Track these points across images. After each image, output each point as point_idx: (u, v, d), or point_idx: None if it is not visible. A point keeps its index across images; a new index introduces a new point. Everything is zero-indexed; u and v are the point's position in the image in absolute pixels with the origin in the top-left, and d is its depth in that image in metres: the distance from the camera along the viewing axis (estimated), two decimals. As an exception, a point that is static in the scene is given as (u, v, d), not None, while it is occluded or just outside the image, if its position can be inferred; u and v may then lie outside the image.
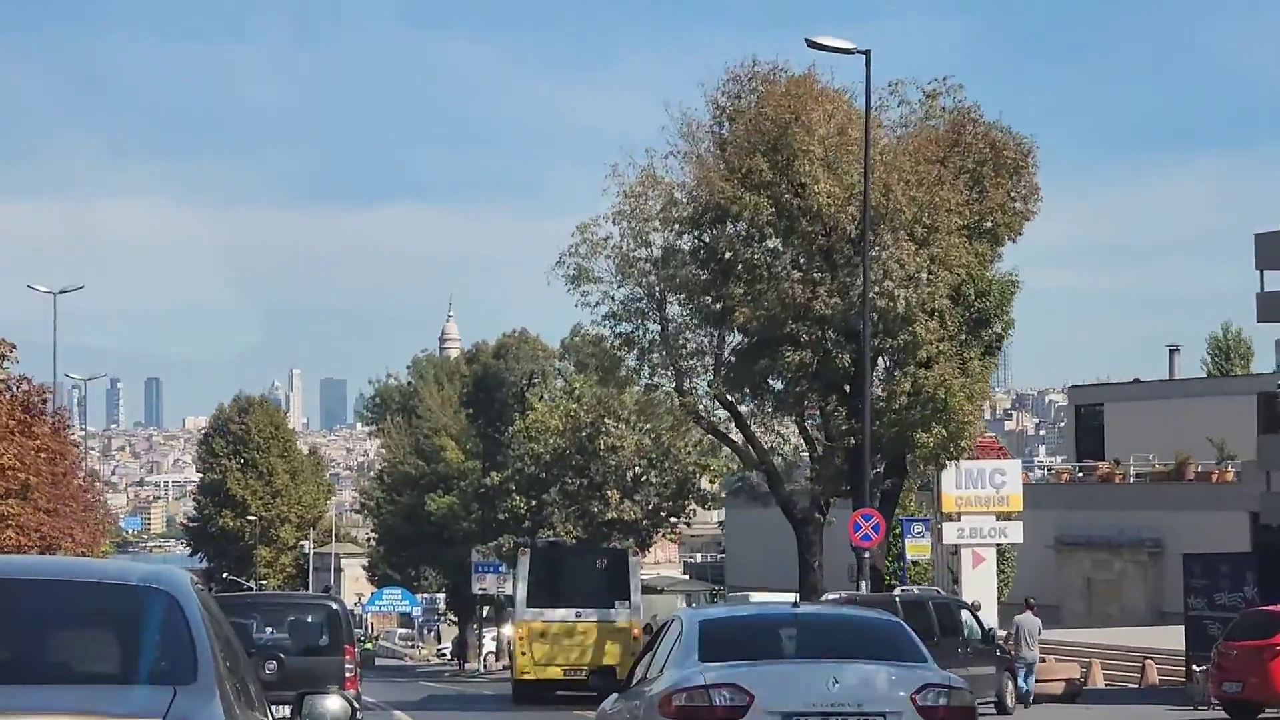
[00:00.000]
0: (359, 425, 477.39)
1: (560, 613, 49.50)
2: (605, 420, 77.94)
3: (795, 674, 14.96)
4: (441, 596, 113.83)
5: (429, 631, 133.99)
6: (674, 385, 50.71)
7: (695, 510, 79.71)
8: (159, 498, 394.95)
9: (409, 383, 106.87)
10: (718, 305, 48.61)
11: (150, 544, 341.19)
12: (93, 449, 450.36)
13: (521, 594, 50.16)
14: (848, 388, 47.55)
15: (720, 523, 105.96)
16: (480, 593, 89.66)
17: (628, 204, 49.52)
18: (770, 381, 48.29)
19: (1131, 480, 74.37)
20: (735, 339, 49.34)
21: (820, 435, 48.85)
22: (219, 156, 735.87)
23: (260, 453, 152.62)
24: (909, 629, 16.16)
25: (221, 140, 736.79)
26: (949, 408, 44.92)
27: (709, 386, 50.18)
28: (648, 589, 64.90)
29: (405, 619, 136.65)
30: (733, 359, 49.35)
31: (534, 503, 78.45)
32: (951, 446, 46.00)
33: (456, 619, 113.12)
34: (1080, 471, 77.65)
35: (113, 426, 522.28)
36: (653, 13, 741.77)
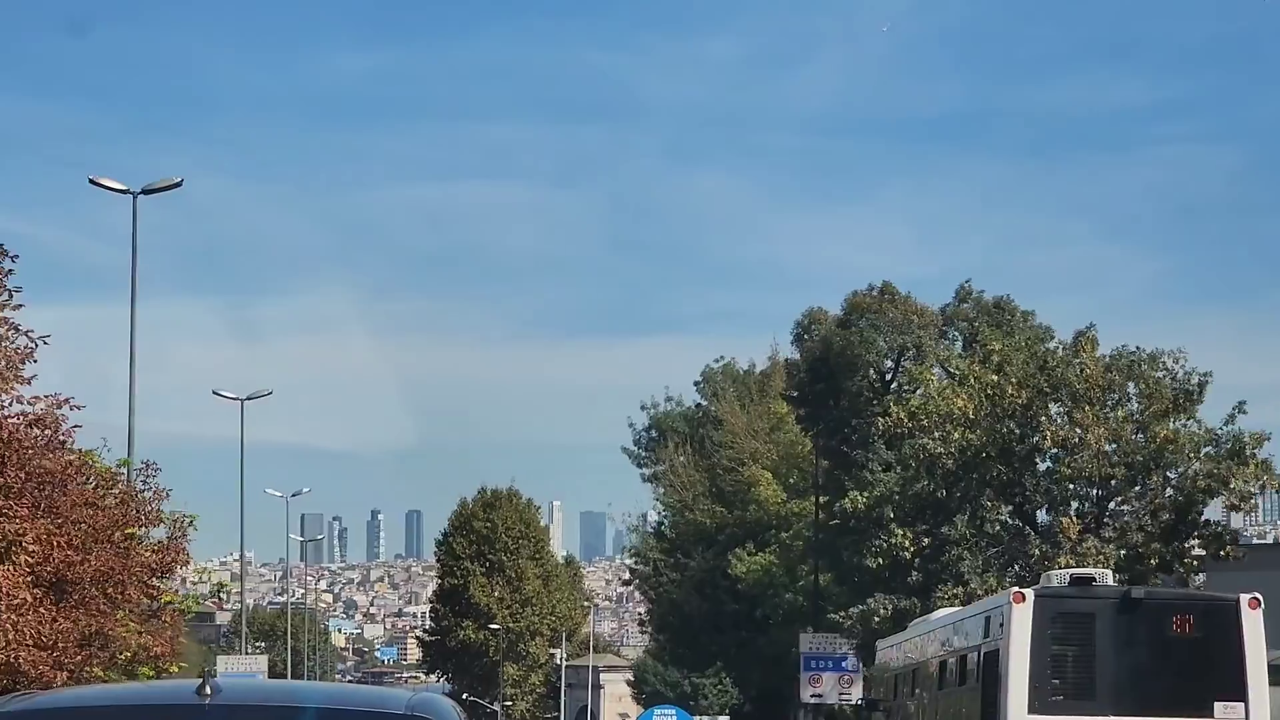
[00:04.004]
0: (618, 558, 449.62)
1: None
2: (1048, 401, 42.36)
3: None
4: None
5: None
6: None
7: (1197, 557, 43.12)
8: (415, 627, 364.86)
9: (697, 405, 72.12)
10: None
11: (405, 674, 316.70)
12: (352, 579, 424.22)
13: (1019, 683, 25.03)
14: None
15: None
16: (814, 701, 53.96)
17: None
18: None
19: None
20: None
21: None
22: (476, 294, 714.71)
23: (508, 554, 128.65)
24: None
25: (479, 278, 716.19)
26: None
27: None
28: None
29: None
30: None
31: (926, 542, 42.80)
32: None
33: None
34: None
35: (374, 559, 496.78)
36: (911, 143, 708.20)
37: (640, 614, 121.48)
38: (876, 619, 43.50)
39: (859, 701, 39.93)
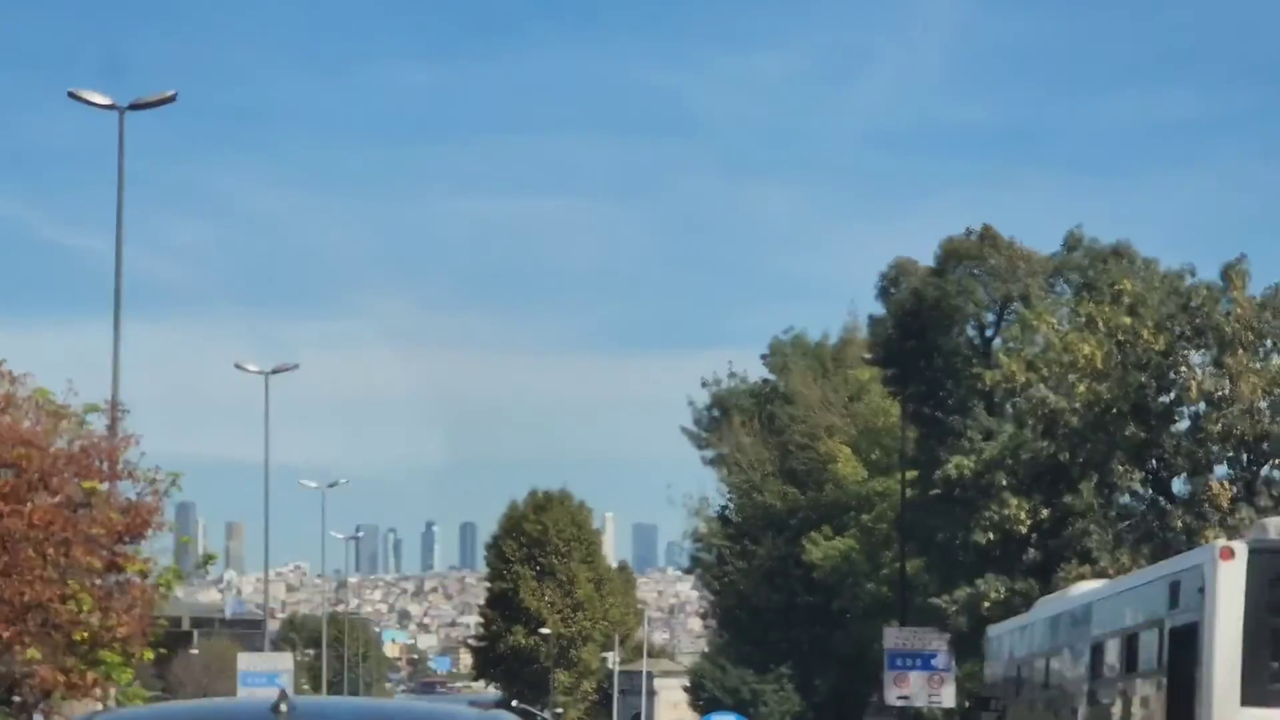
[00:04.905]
0: (670, 569, 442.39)
1: None
2: (1191, 347, 34.98)
3: None
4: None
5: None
6: None
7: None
8: (469, 637, 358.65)
9: (765, 380, 64.48)
10: None
11: (458, 684, 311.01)
12: (407, 589, 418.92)
13: (1228, 666, 18.20)
14: None
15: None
16: (901, 703, 46.62)
17: None
18: None
19: None
20: None
21: None
22: (532, 309, 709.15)
23: (559, 557, 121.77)
24: None
25: (535, 293, 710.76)
26: None
27: None
28: None
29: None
30: None
31: (1045, 514, 35.34)
32: None
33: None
34: None
35: (428, 570, 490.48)
36: (967, 157, 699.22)
37: (694, 625, 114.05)
38: (986, 604, 36.09)
39: (978, 704, 32.40)
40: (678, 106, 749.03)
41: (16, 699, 33.56)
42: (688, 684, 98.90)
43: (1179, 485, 36.90)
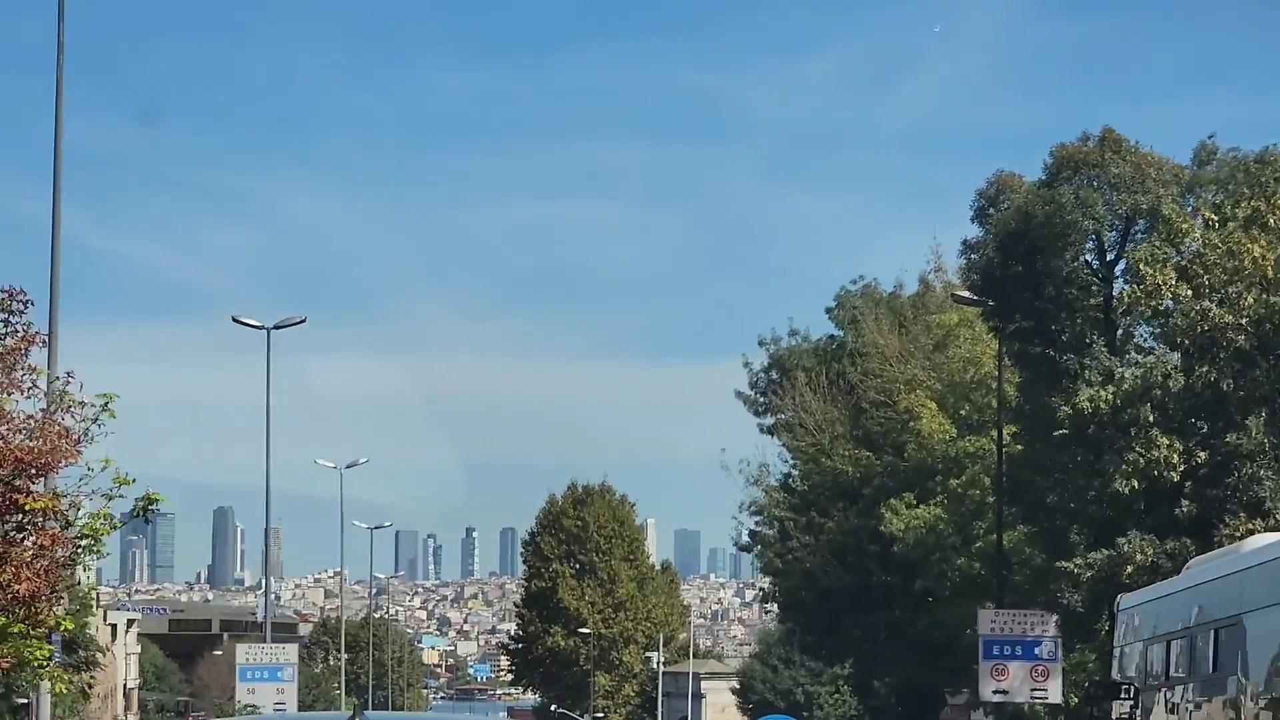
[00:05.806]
0: (712, 575, 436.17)
1: None
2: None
3: None
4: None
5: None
6: None
7: None
8: (508, 640, 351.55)
9: (831, 337, 56.86)
10: None
11: (499, 691, 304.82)
12: (446, 596, 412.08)
13: None
14: None
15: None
16: (999, 698, 39.29)
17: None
18: None
19: None
20: None
21: None
22: (571, 313, 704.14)
23: (600, 555, 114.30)
24: None
25: (574, 297, 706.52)
26: None
27: None
28: None
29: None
30: None
31: (1203, 456, 27.86)
32: None
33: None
34: None
35: (468, 576, 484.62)
36: (1009, 163, 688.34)
37: (737, 632, 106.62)
38: (1129, 568, 28.64)
39: (1099, 694, 24.95)
40: (718, 110, 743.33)
41: (21, 701, 26.73)
42: (736, 686, 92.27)
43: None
